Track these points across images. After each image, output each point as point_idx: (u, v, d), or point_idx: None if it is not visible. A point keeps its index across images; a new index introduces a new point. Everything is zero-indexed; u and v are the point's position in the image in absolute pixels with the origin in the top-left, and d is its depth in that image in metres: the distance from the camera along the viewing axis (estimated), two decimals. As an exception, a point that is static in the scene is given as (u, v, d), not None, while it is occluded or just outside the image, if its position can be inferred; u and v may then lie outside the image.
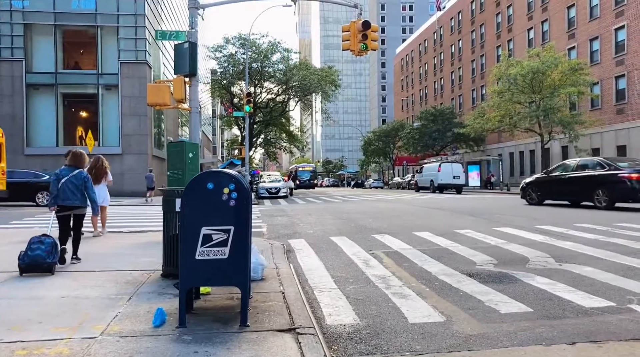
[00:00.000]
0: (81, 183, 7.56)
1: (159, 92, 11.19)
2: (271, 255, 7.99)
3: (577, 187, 17.86)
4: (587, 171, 17.80)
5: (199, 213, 4.30)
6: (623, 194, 16.40)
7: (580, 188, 17.76)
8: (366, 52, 14.24)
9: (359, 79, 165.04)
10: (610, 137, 37.74)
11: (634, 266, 6.89)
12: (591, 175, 17.40)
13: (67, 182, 7.45)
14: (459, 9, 66.17)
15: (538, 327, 4.43)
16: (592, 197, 17.12)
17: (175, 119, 45.47)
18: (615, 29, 37.43)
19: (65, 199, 7.44)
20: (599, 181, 16.94)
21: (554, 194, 19.22)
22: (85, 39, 34.52)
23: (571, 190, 18.24)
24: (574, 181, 18.01)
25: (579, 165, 18.53)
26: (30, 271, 6.47)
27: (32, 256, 6.51)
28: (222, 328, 4.23)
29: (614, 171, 16.79)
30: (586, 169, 17.96)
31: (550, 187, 19.14)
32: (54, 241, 6.80)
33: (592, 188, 17.14)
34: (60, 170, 7.62)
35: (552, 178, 19.19)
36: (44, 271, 6.52)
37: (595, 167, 17.62)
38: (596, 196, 16.92)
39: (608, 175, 16.73)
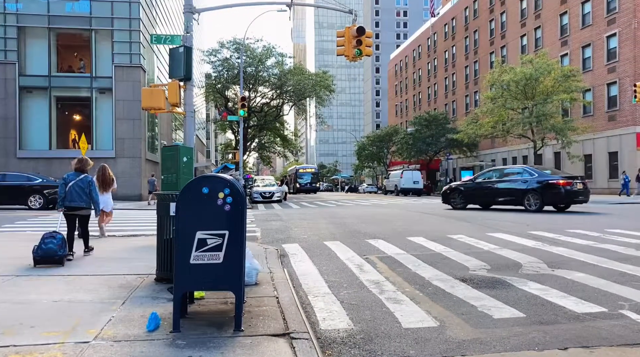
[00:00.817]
0: (86, 186, 8.42)
1: (153, 96, 11.18)
2: (265, 260, 7.99)
3: (508, 192, 19.45)
4: (516, 177, 19.51)
5: (194, 217, 4.31)
6: (554, 198, 18.35)
7: (510, 193, 19.33)
8: (360, 58, 14.32)
9: (353, 84, 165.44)
10: (602, 144, 38.02)
11: (625, 271, 6.94)
12: (522, 181, 19.07)
13: (74, 186, 8.31)
14: (452, 16, 66.58)
15: (531, 332, 4.46)
16: (523, 201, 18.79)
17: (169, 122, 45.38)
18: (607, 36, 37.79)
19: (72, 201, 8.29)
20: (530, 187, 18.66)
21: (482, 199, 20.54)
22: (80, 42, 34.43)
23: (502, 195, 19.70)
24: (505, 187, 19.60)
25: (505, 172, 20.43)
26: (43, 263, 7.29)
27: (45, 249, 7.31)
28: (216, 333, 4.23)
29: (543, 178, 18.72)
30: (512, 176, 19.78)
31: (479, 193, 20.44)
32: (64, 237, 7.67)
33: (523, 193, 18.79)
34: (67, 175, 8.46)
35: (480, 184, 20.54)
36: (55, 262, 7.33)
37: (523, 174, 19.37)
38: (527, 200, 18.68)
39: (539, 182, 18.59)
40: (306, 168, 63.09)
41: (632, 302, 5.37)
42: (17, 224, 15.06)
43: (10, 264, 7.46)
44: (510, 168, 21.31)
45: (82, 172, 8.54)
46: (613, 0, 37.41)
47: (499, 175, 20.44)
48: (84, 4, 33.19)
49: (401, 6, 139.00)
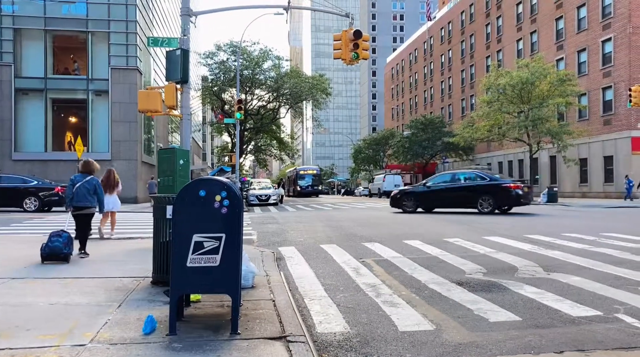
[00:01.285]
0: (92, 187, 8.89)
1: (150, 99, 11.16)
2: (261, 263, 7.98)
3: (462, 195, 20.33)
4: (467, 182, 20.57)
5: (191, 220, 4.31)
6: (506, 200, 19.70)
7: (465, 196, 20.24)
8: (357, 61, 14.32)
9: (350, 87, 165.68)
10: (597, 148, 38.18)
11: (620, 275, 6.97)
12: (477, 185, 20.19)
13: (81, 187, 8.74)
14: (449, 20, 66.82)
15: (527, 336, 4.47)
16: (476, 204, 19.77)
17: (165, 125, 45.32)
18: (602, 41, 37.99)
19: (79, 201, 8.72)
20: (484, 190, 19.88)
21: (434, 202, 21.21)
22: (76, 44, 34.37)
23: (456, 198, 20.52)
24: (458, 190, 20.50)
25: (457, 177, 21.33)
26: (50, 259, 7.80)
27: (51, 247, 7.83)
28: (212, 336, 4.22)
29: (496, 182, 20.28)
30: (466, 181, 20.75)
31: (432, 196, 21.05)
32: (69, 235, 8.12)
33: (477, 196, 19.82)
34: (75, 176, 8.94)
35: (431, 188, 21.19)
36: (61, 259, 7.84)
37: (476, 179, 20.58)
38: (481, 203, 19.69)
39: (493, 185, 19.97)
40: (307, 169, 58.03)
41: (627, 305, 5.39)
42: (13, 227, 15.01)
43: (7, 266, 7.44)
44: (462, 172, 22.27)
45: (88, 173, 8.98)
46: (608, 5, 37.63)
47: (451, 179, 21.31)
48: (81, 6, 33.16)
49: (398, 10, 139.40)
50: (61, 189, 22.31)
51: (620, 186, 35.72)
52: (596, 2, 38.71)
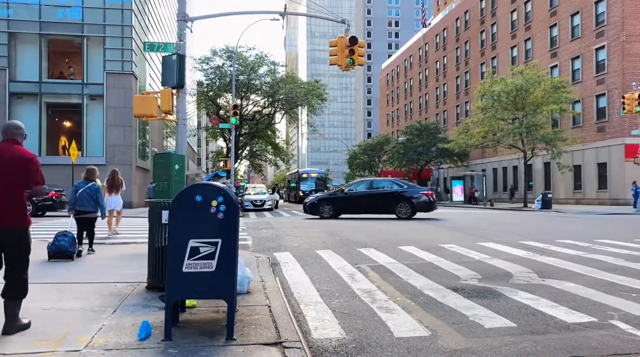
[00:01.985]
0: (94, 193, 9.69)
1: (145, 104, 11.15)
2: (257, 268, 7.97)
3: (381, 202, 21.35)
4: (386, 189, 21.74)
5: (187, 225, 4.30)
6: (422, 207, 21.09)
7: (384, 203, 21.28)
8: (353, 67, 14.38)
9: (345, 93, 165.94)
10: (591, 155, 38.38)
11: (614, 282, 7.00)
12: (395, 192, 21.38)
13: (83, 193, 9.56)
14: (444, 26, 67.15)
15: (522, 342, 4.48)
16: (395, 210, 20.91)
17: (160, 130, 45.24)
18: (595, 48, 38.27)
19: (81, 206, 9.56)
20: (402, 197, 21.10)
21: (353, 209, 21.81)
22: (71, 48, 34.31)
23: (374, 204, 21.45)
24: (378, 197, 21.52)
25: (375, 185, 22.56)
26: (56, 257, 8.52)
27: (57, 245, 8.55)
28: (208, 341, 4.21)
29: (414, 189, 21.93)
30: (384, 188, 21.96)
31: (350, 203, 21.76)
32: (74, 235, 8.94)
33: (395, 202, 21.02)
34: (78, 183, 9.82)
35: (349, 195, 21.99)
36: (67, 257, 8.58)
37: (393, 186, 21.92)
38: (399, 209, 20.88)
39: (410, 193, 21.37)
40: (310, 172, 52.60)
41: (621, 312, 5.42)
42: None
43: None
44: (379, 180, 24.03)
45: (90, 180, 9.84)
46: (602, 13, 37.93)
47: (368, 187, 22.31)
48: (76, 11, 33.11)
49: (393, 16, 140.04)
50: (55, 193, 22.21)
51: (614, 193, 35.91)
52: (590, 10, 39.03)
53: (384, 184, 22.48)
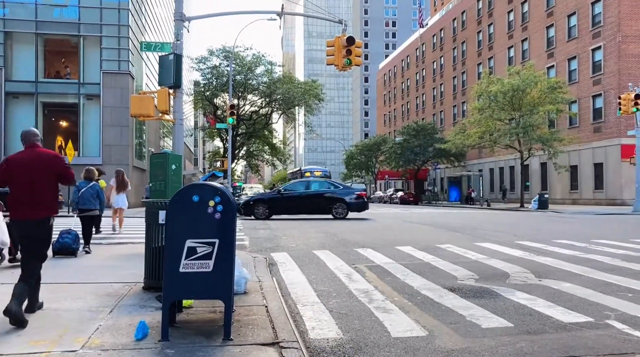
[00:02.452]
0: (95, 192, 10.34)
1: (143, 103, 11.15)
2: (254, 268, 7.96)
3: (318, 202, 21.55)
4: (321, 190, 22.05)
5: (184, 225, 4.29)
6: (356, 207, 21.44)
7: (320, 203, 21.52)
8: (350, 67, 14.39)
9: (342, 93, 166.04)
10: (587, 155, 38.49)
11: (611, 282, 7.02)
12: (330, 193, 21.76)
13: (85, 192, 10.18)
14: (441, 27, 67.24)
15: (518, 342, 4.49)
16: (330, 210, 21.23)
17: (157, 130, 45.16)
18: (592, 49, 38.39)
19: (84, 204, 10.16)
20: (337, 198, 21.49)
21: (289, 209, 21.94)
22: (67, 48, 34.22)
23: (311, 205, 21.64)
24: (314, 198, 21.65)
25: (311, 185, 22.75)
26: (60, 254, 8.93)
27: (62, 242, 8.97)
28: (205, 342, 4.20)
29: (349, 190, 22.53)
30: (319, 189, 22.20)
31: (286, 204, 21.87)
32: (77, 233, 9.34)
33: (331, 203, 21.39)
34: (79, 183, 10.16)
35: (286, 195, 22.19)
36: (70, 254, 9.01)
37: (329, 187, 22.40)
38: (335, 209, 21.24)
39: (347, 193, 21.88)
40: (313, 170, 50.14)
41: (617, 312, 5.43)
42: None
43: (-5, 272, 7.37)
44: (315, 181, 24.38)
45: (90, 180, 10.41)
46: (598, 14, 38.04)
47: (305, 187, 22.49)
48: (72, 10, 33.02)
49: (390, 16, 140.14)
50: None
51: (611, 193, 36.02)
52: (586, 11, 39.14)
53: (320, 185, 22.87)
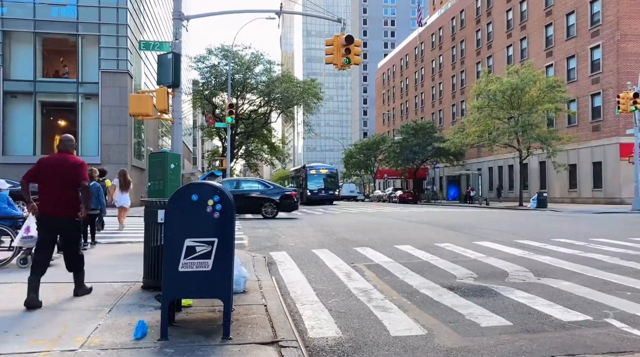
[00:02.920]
0: (96, 191, 10.33)
1: (141, 102, 11.13)
2: (253, 267, 7.96)
3: (249, 202, 21.10)
4: (251, 190, 21.81)
5: (183, 225, 4.29)
6: (287, 206, 21.47)
7: (250, 203, 21.10)
8: (349, 66, 14.39)
9: (341, 92, 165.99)
10: (586, 154, 38.51)
11: (609, 280, 7.03)
12: (259, 193, 21.52)
13: None
14: (439, 25, 67.22)
15: (518, 340, 4.49)
16: (260, 210, 21.07)
17: (155, 129, 45.11)
18: (591, 48, 38.39)
19: None
20: (267, 198, 21.26)
21: None
22: (66, 47, 34.16)
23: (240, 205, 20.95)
24: (243, 198, 20.79)
25: (241, 185, 22.58)
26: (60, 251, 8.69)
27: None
28: (204, 341, 4.20)
29: (280, 190, 22.47)
30: (249, 189, 21.97)
31: None
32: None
33: (261, 203, 21.19)
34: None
35: None
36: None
37: (258, 187, 22.23)
38: (264, 209, 21.05)
39: (277, 193, 21.75)
40: (319, 168, 45.31)
41: (616, 310, 5.44)
42: None
43: (-6, 271, 7.36)
44: (245, 179, 24.00)
45: (91, 180, 10.29)
46: (597, 13, 38.04)
47: (235, 187, 22.04)
48: (71, 9, 32.96)
49: (389, 15, 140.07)
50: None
51: (609, 192, 36.04)
52: (585, 10, 39.14)
53: (250, 185, 22.77)
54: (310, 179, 43.50)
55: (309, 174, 43.88)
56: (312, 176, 43.74)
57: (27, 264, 7.75)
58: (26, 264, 7.74)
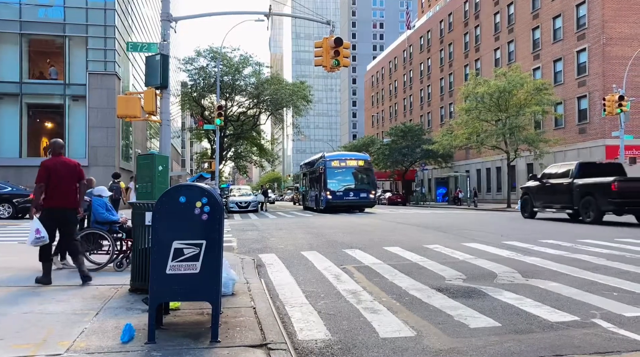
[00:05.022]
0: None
1: (129, 104, 11.04)
2: (242, 270, 7.92)
3: None
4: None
5: (171, 227, 4.26)
6: None
7: None
8: (338, 69, 14.41)
9: (330, 95, 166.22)
10: (573, 156, 38.82)
11: (596, 281, 7.08)
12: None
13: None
14: (428, 28, 67.56)
15: (506, 341, 4.51)
16: None
17: (143, 131, 44.85)
18: (577, 51, 38.78)
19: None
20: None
21: None
22: (53, 48, 33.87)
23: None
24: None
25: None
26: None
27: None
28: (192, 344, 4.17)
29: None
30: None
31: None
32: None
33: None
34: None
35: None
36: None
37: None
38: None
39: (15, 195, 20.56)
40: (345, 158, 31.71)
41: (603, 310, 5.48)
42: (-15, 234, 14.65)
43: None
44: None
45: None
46: (583, 17, 38.45)
47: None
48: (58, 10, 32.71)
49: (377, 18, 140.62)
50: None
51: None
52: (571, 13, 39.55)
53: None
54: (330, 175, 29.68)
55: (329, 167, 29.86)
56: (333, 171, 29.92)
57: (123, 267, 7.87)
58: (122, 267, 7.86)
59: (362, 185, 30.37)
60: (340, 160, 31.06)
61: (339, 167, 30.37)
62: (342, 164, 30.63)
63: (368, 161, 32.12)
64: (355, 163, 30.97)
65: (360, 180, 30.71)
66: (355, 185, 30.24)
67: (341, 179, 30.13)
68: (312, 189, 34.31)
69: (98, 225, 8.26)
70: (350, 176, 30.52)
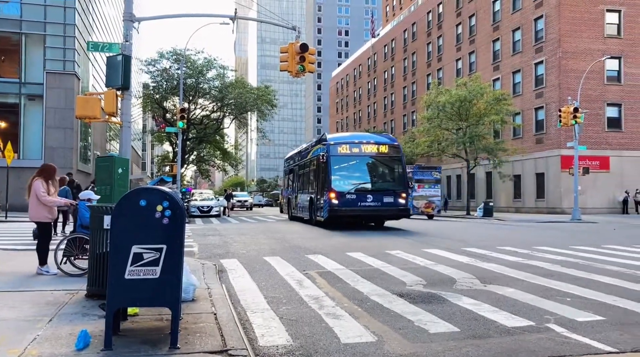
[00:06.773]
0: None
1: (88, 105, 10.75)
2: (202, 275, 7.82)
3: None
4: None
5: (130, 231, 4.17)
6: None
7: None
8: (303, 74, 14.42)
9: (296, 100, 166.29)
10: (530, 165, 40.01)
11: (550, 287, 7.30)
12: None
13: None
14: (392, 37, 68.50)
15: (465, 346, 4.59)
16: None
17: (103, 133, 43.80)
18: (535, 63, 40.03)
19: None
20: None
21: None
22: (7, 45, 32.73)
23: None
24: None
25: None
26: None
27: None
28: (150, 350, 4.08)
29: None
30: None
31: None
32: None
33: None
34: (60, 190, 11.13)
35: None
36: None
37: None
38: None
39: None
40: (361, 140, 20.09)
41: (557, 315, 5.65)
42: None
43: None
44: None
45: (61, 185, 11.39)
46: (540, 30, 39.72)
47: None
48: (14, 6, 31.64)
49: (343, 25, 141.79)
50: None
51: (551, 202, 37.50)
52: (529, 27, 40.81)
53: None
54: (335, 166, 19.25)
55: (334, 155, 19.36)
56: (340, 160, 19.49)
57: None
58: None
59: (385, 183, 19.79)
60: (351, 144, 19.87)
61: (349, 154, 19.51)
62: (355, 150, 19.57)
63: (396, 146, 20.44)
64: (376, 149, 19.73)
65: (383, 175, 20.28)
66: (375, 182, 19.56)
67: (352, 174, 19.55)
68: (304, 191, 23.85)
69: (83, 229, 7.93)
70: (366, 169, 19.87)
